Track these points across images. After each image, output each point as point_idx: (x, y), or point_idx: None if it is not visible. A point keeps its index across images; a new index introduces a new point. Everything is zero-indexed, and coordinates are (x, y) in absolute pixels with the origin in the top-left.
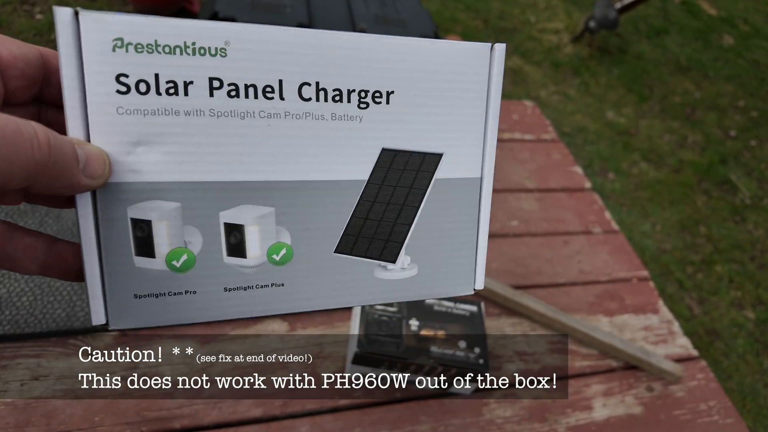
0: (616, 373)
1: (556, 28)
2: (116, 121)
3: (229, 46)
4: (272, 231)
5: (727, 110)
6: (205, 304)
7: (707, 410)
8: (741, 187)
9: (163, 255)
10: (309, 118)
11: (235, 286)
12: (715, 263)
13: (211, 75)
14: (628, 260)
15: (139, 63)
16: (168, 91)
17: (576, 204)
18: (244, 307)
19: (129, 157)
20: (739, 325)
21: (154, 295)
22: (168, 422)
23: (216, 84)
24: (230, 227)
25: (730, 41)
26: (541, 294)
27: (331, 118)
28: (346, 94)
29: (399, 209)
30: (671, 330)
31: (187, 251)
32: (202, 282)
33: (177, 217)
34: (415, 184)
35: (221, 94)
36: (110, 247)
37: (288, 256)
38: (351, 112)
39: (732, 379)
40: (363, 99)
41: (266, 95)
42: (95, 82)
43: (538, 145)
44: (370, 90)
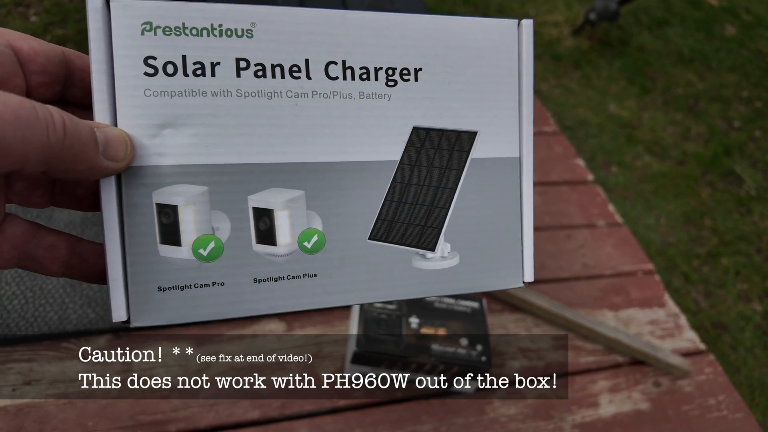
0: (622, 369)
1: (556, 20)
2: (143, 104)
3: (255, 27)
4: (303, 216)
5: (730, 101)
6: (233, 297)
7: (716, 405)
8: (746, 178)
9: (190, 243)
10: (336, 97)
11: (265, 277)
12: (721, 256)
13: (237, 55)
14: (633, 253)
15: (166, 45)
16: (195, 72)
17: (579, 197)
18: (276, 301)
19: (155, 140)
20: (747, 317)
21: (179, 287)
22: (163, 426)
23: (243, 64)
24: (259, 212)
25: (732, 31)
26: (544, 289)
27: (359, 97)
28: (373, 71)
29: (435, 191)
30: (678, 324)
31: (215, 238)
32: (231, 273)
33: (204, 201)
34: (450, 164)
35: (248, 75)
36: (134, 234)
37: (320, 244)
38: (379, 90)
39: (740, 373)
40: (391, 77)
41: (293, 75)
42: (124, 65)
43: (540, 137)
44: (397, 67)
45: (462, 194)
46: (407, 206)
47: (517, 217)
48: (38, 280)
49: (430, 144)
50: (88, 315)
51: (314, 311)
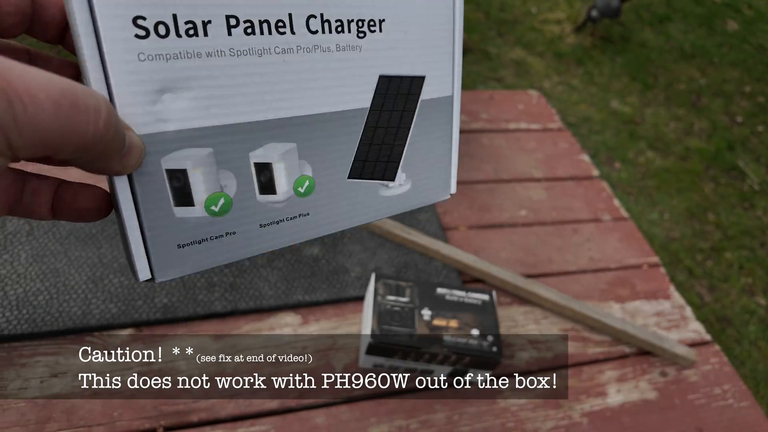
0: (629, 359)
1: (557, 18)
2: (139, 69)
3: None
4: (296, 165)
5: (733, 96)
6: (244, 242)
7: (722, 394)
8: (749, 173)
9: (202, 202)
10: (318, 50)
11: (268, 222)
12: (724, 250)
13: (227, 12)
14: (638, 247)
15: (155, 3)
16: (188, 32)
17: (584, 192)
18: (278, 239)
19: (156, 107)
20: (751, 311)
21: (197, 242)
22: (186, 416)
23: (233, 22)
24: (260, 166)
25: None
26: (551, 282)
27: (336, 49)
28: (346, 24)
29: (395, 131)
30: (683, 315)
31: (224, 195)
32: (240, 222)
33: (211, 162)
34: (406, 106)
35: (239, 32)
36: (148, 201)
37: (311, 188)
38: (352, 42)
39: (745, 366)
40: (360, 28)
41: (279, 30)
42: (112, 26)
43: (545, 134)
44: (365, 19)
45: (412, 130)
46: (375, 146)
47: (449, 145)
48: (61, 277)
49: (392, 90)
50: (111, 310)
51: (327, 304)
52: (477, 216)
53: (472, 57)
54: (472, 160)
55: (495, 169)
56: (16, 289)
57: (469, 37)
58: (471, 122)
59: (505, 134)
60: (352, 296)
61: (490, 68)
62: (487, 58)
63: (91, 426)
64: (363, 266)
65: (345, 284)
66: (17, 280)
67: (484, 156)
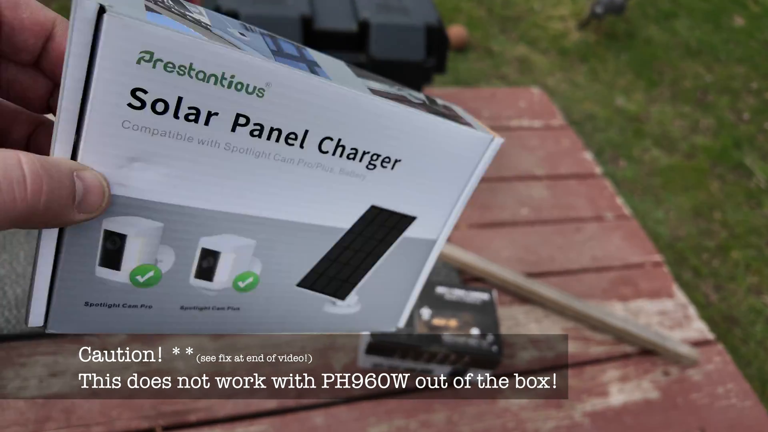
0: (631, 359)
1: (561, 14)
2: (118, 134)
3: (269, 88)
4: (246, 261)
5: (739, 93)
6: (158, 318)
7: (725, 393)
8: (756, 171)
9: (129, 270)
10: (320, 168)
11: (191, 306)
12: (731, 249)
13: (240, 111)
14: (642, 245)
15: (164, 82)
16: (187, 117)
17: (587, 190)
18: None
19: (120, 170)
20: (757, 311)
21: (107, 305)
22: (184, 416)
23: (242, 121)
24: (207, 252)
25: (741, 22)
26: (553, 281)
27: (339, 173)
28: (360, 154)
29: (364, 257)
30: (687, 314)
31: (155, 268)
32: (161, 299)
33: (156, 236)
34: (385, 238)
35: (244, 132)
36: (72, 253)
37: (253, 285)
38: (358, 170)
39: (751, 366)
40: (373, 161)
41: (288, 142)
42: (106, 90)
43: (547, 131)
44: (382, 155)
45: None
46: (338, 264)
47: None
48: None
49: (378, 221)
50: None
51: None
52: (478, 214)
53: (475, 54)
54: None
55: (496, 167)
56: (15, 289)
57: (472, 34)
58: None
59: (507, 132)
60: None
61: (493, 65)
62: (490, 55)
63: (90, 425)
64: None
65: None
66: (16, 280)
67: None
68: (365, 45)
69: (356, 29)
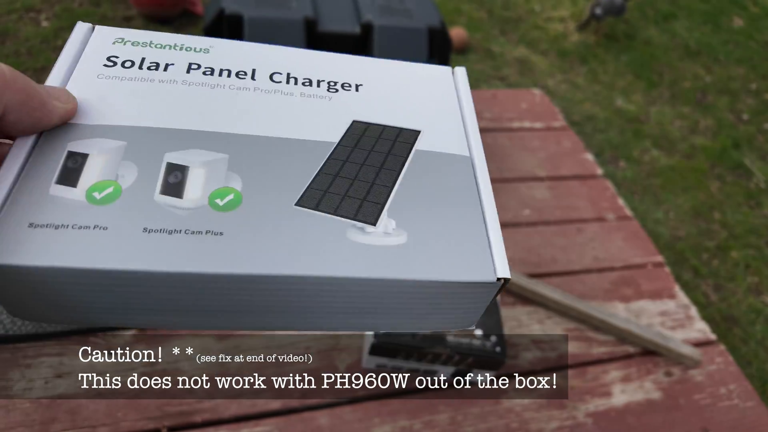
0: (633, 359)
1: (561, 16)
2: (93, 81)
3: (212, 48)
4: (221, 177)
5: (739, 94)
6: (113, 246)
7: (727, 394)
8: (755, 171)
9: (86, 186)
10: (278, 93)
11: (157, 228)
12: (730, 249)
13: (191, 61)
14: (643, 246)
15: (131, 51)
16: (149, 67)
17: (588, 191)
18: (165, 258)
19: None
20: (757, 311)
21: (53, 226)
22: (189, 416)
23: (194, 66)
24: (172, 167)
25: (740, 23)
26: (555, 282)
27: (299, 96)
28: (315, 82)
29: (377, 171)
30: (688, 315)
31: (115, 183)
32: (119, 217)
33: (118, 153)
34: (393, 150)
35: (197, 72)
36: (31, 172)
37: (234, 203)
38: (320, 93)
39: (752, 366)
40: (332, 87)
41: (239, 76)
42: (87, 58)
43: (548, 133)
44: (339, 81)
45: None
46: (344, 180)
47: (478, 215)
48: None
49: (371, 134)
50: None
51: None
52: None
53: (476, 56)
54: None
55: (498, 169)
56: None
57: (473, 35)
58: None
59: (508, 133)
60: None
61: (493, 67)
62: (490, 56)
63: (96, 426)
64: None
65: None
66: None
67: (487, 155)
68: (368, 47)
69: (359, 32)
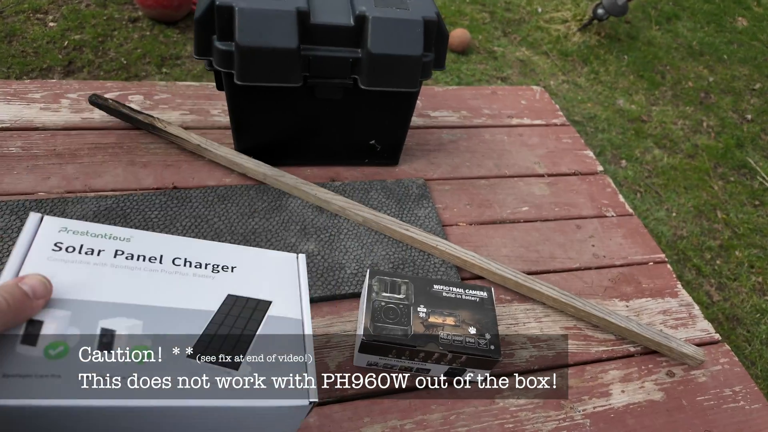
0: (634, 359)
1: (563, 17)
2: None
3: (132, 238)
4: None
5: (742, 93)
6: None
7: (732, 395)
8: (759, 170)
9: (43, 345)
10: (178, 274)
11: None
12: (734, 248)
13: (117, 248)
14: (644, 243)
15: (73, 239)
16: (86, 252)
17: (588, 188)
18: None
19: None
20: (761, 310)
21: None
22: None
23: (120, 252)
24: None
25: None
26: (554, 279)
27: (192, 276)
28: (204, 265)
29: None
30: (691, 313)
31: (64, 344)
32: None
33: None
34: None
35: (121, 258)
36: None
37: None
38: (207, 274)
39: (756, 366)
40: (215, 269)
41: (151, 261)
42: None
43: (548, 129)
44: (219, 264)
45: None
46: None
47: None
48: None
49: (239, 304)
50: None
51: (321, 301)
52: (478, 212)
53: (478, 56)
54: (474, 156)
55: (497, 165)
56: None
57: (475, 36)
58: (473, 118)
59: (507, 129)
60: (347, 293)
61: (495, 67)
62: (492, 57)
63: None
64: (359, 262)
65: (341, 281)
66: None
67: (485, 151)
68: (362, 40)
69: (353, 24)
